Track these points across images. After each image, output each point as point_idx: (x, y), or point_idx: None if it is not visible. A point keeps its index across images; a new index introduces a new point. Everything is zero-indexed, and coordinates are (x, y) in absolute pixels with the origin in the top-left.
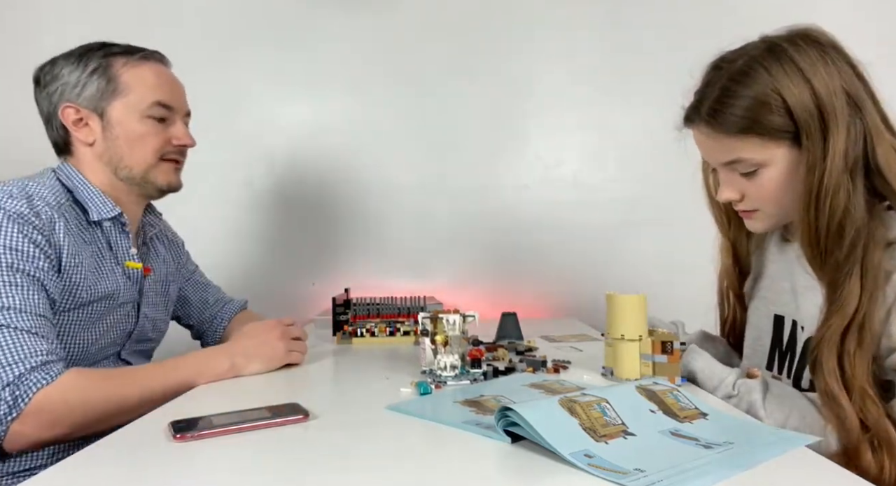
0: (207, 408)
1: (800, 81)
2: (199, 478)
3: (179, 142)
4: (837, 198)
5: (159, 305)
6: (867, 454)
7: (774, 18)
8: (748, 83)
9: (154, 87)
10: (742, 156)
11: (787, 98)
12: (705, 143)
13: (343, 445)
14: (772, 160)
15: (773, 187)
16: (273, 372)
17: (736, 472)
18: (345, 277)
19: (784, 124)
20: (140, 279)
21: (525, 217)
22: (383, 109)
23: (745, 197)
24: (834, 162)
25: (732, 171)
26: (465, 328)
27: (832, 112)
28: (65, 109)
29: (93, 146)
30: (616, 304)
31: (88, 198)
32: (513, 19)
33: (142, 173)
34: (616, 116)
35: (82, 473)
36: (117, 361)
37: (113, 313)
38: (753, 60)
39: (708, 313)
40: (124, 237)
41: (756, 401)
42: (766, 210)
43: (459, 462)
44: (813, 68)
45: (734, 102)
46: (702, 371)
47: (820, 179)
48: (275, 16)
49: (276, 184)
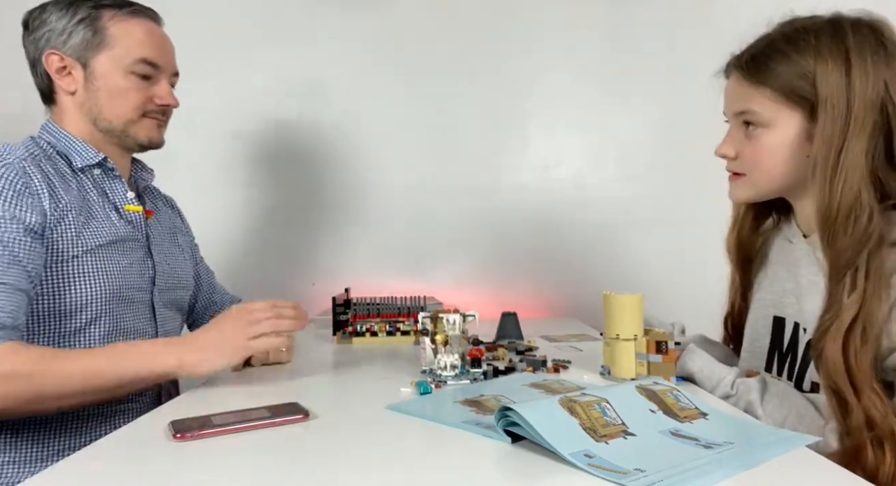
0: (207, 408)
1: (840, 60)
2: (200, 478)
3: (162, 101)
4: (852, 181)
5: (175, 253)
6: (870, 450)
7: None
8: (793, 44)
9: (141, 43)
10: (752, 107)
11: (819, 70)
12: (730, 90)
13: (343, 445)
14: (778, 122)
15: (769, 152)
16: (273, 372)
17: (736, 472)
18: (345, 277)
19: (805, 92)
20: (143, 223)
21: (525, 217)
22: (383, 109)
23: (738, 157)
24: (853, 145)
25: (739, 125)
26: (465, 328)
27: (861, 100)
28: (49, 56)
29: (74, 95)
30: (612, 303)
31: (70, 146)
32: (513, 19)
33: (121, 127)
34: (616, 116)
35: (82, 473)
36: (151, 311)
37: (124, 255)
38: (810, 28)
39: (708, 314)
40: (118, 182)
41: (754, 400)
42: (753, 177)
43: (459, 462)
44: (860, 57)
45: (772, 55)
46: (700, 371)
47: (837, 157)
48: (274, 15)
49: (276, 184)
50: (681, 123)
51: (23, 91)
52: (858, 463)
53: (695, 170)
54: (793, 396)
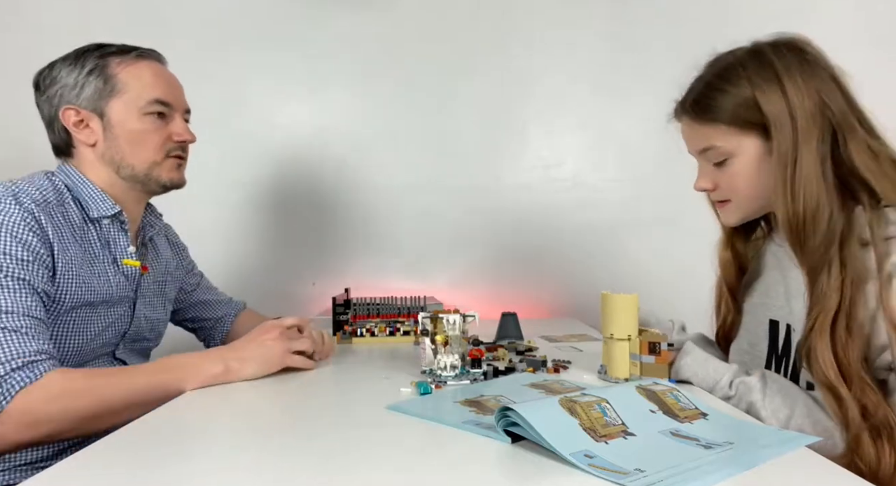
0: (204, 411)
1: (774, 82)
2: (200, 479)
3: (180, 138)
4: (811, 188)
5: (157, 305)
6: (867, 441)
7: (775, 18)
8: (727, 78)
9: (151, 84)
10: (713, 143)
11: (758, 95)
12: (686, 132)
13: (343, 445)
14: (740, 150)
15: (742, 177)
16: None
17: (736, 472)
18: (345, 277)
19: (753, 117)
20: (137, 277)
21: (525, 217)
22: (383, 109)
23: (717, 187)
24: (804, 155)
25: (706, 160)
26: (465, 328)
27: (801, 112)
28: (65, 111)
29: (95, 147)
30: (608, 303)
31: (88, 195)
32: (513, 19)
33: (145, 171)
34: (616, 116)
35: (82, 473)
36: (112, 360)
37: (108, 313)
38: (736, 60)
39: (708, 314)
40: (123, 235)
41: (756, 401)
42: (736, 201)
43: (459, 462)
44: (789, 73)
45: (713, 94)
46: (695, 375)
47: (793, 169)
48: (274, 15)
49: (276, 184)
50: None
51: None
52: (860, 458)
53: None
54: (796, 391)
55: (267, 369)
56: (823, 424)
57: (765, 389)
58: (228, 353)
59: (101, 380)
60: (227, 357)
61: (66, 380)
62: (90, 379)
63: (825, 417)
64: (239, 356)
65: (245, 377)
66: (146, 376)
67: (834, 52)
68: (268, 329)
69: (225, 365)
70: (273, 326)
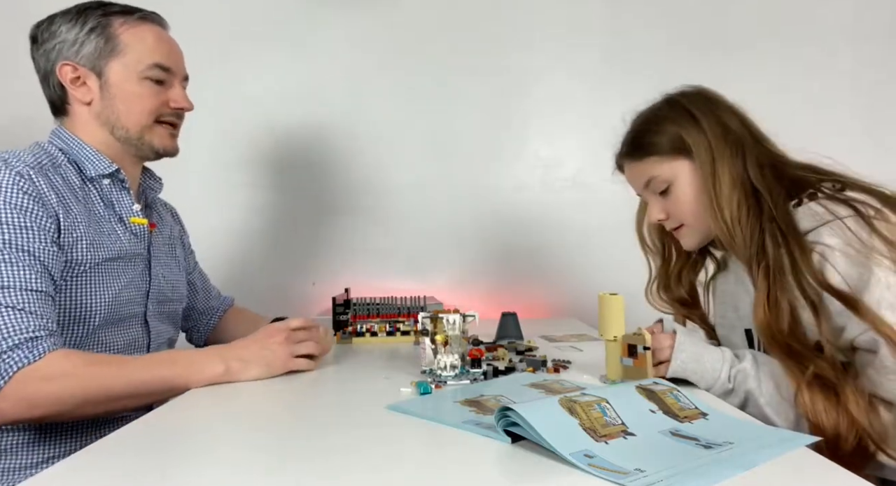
0: (203, 410)
1: (689, 118)
2: (200, 479)
3: (177, 105)
4: (731, 197)
5: (172, 266)
6: (814, 396)
7: (774, 18)
8: (652, 120)
9: (153, 48)
10: (653, 174)
11: (679, 129)
12: (629, 175)
13: (343, 445)
14: (676, 175)
15: (686, 200)
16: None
17: (736, 472)
18: (345, 277)
19: (679, 145)
20: (146, 235)
21: (525, 217)
22: (383, 109)
23: (669, 216)
24: (722, 180)
25: (652, 193)
26: (465, 328)
27: (713, 137)
28: (62, 67)
29: (90, 105)
30: (600, 304)
31: (84, 156)
32: (513, 19)
33: (137, 134)
34: (616, 117)
35: (82, 473)
36: (144, 324)
37: (125, 270)
38: (656, 108)
39: None
40: (125, 194)
41: (753, 389)
42: (689, 224)
43: (459, 462)
44: (700, 111)
45: (644, 136)
46: (693, 374)
47: (713, 183)
48: (274, 15)
49: (276, 184)
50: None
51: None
52: (801, 408)
53: None
54: (780, 370)
55: (269, 373)
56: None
57: (758, 374)
58: (230, 352)
59: (103, 368)
60: (228, 357)
61: (68, 363)
62: (90, 366)
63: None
64: (241, 357)
65: (246, 379)
66: (148, 370)
67: (833, 54)
68: (272, 333)
69: (226, 366)
70: (278, 330)
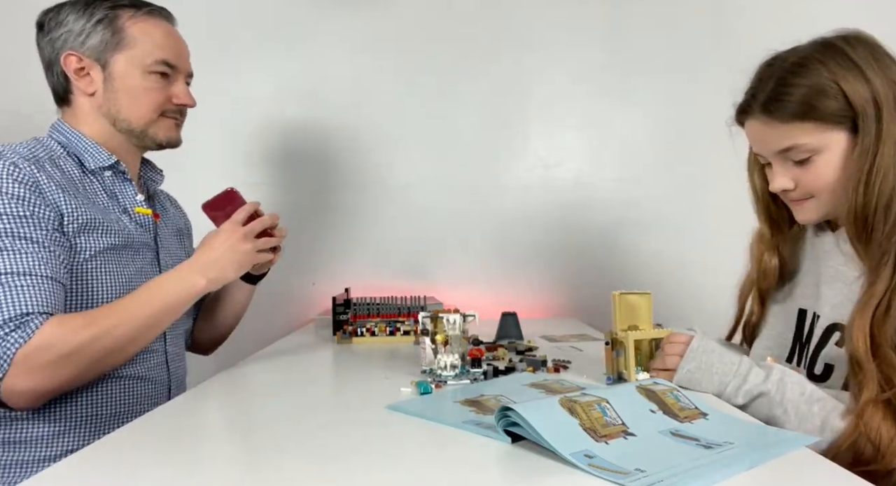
0: (203, 410)
1: (856, 72)
2: (199, 479)
3: (180, 101)
4: (888, 180)
5: (181, 256)
6: (876, 412)
7: (774, 19)
8: (805, 74)
9: (160, 43)
10: (798, 142)
11: (843, 86)
12: (761, 132)
13: (343, 445)
14: (827, 146)
15: (829, 173)
16: (274, 373)
17: (736, 472)
18: (345, 277)
19: (841, 110)
20: (152, 226)
21: (525, 217)
22: (383, 109)
23: (798, 185)
24: (886, 146)
25: (786, 159)
26: (465, 328)
27: (885, 102)
28: (67, 57)
29: (93, 97)
30: (621, 304)
31: (83, 148)
32: (513, 19)
33: (141, 127)
34: (617, 116)
35: (82, 473)
36: None
37: (134, 259)
38: (809, 55)
39: (710, 313)
40: (128, 185)
41: (778, 416)
42: (820, 198)
43: (459, 462)
44: (866, 63)
45: (792, 91)
46: (699, 384)
47: (872, 161)
48: (274, 16)
49: (276, 184)
50: (681, 122)
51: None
52: (864, 426)
53: (695, 169)
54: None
55: (241, 272)
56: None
57: (783, 401)
58: (203, 266)
59: (101, 322)
60: (205, 270)
61: (63, 328)
62: (88, 325)
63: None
64: (215, 266)
65: (225, 283)
66: (143, 307)
67: None
68: (230, 232)
69: (206, 278)
70: (233, 229)
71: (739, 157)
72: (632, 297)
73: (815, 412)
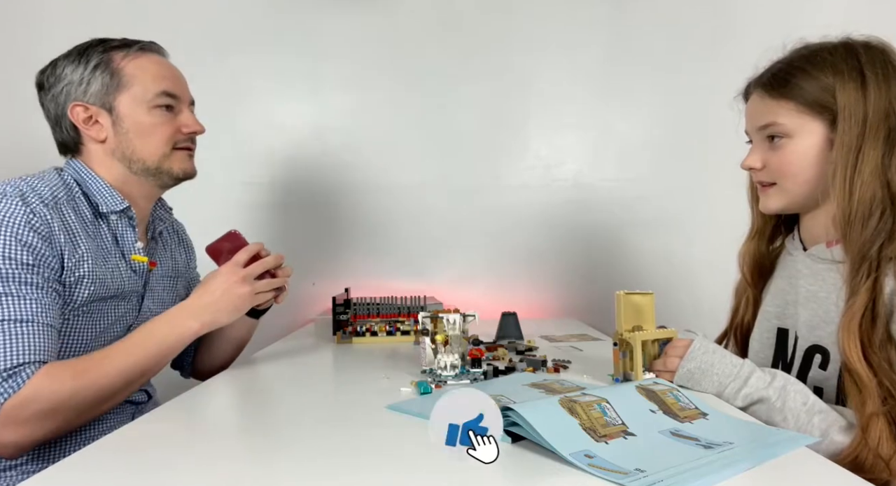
0: (203, 410)
1: (857, 77)
2: (199, 479)
3: (189, 129)
4: (869, 184)
5: (166, 300)
6: (880, 424)
7: (774, 20)
8: (812, 62)
9: (157, 77)
10: (777, 120)
11: (837, 85)
12: (753, 107)
13: (343, 445)
14: (802, 131)
15: (796, 161)
16: (273, 373)
17: (736, 472)
18: (345, 277)
19: (827, 103)
20: (145, 273)
21: (525, 217)
22: (383, 109)
23: (765, 167)
24: (868, 151)
25: (763, 139)
26: (465, 328)
27: (875, 113)
28: (74, 108)
29: (105, 143)
30: (626, 304)
31: (97, 191)
32: (513, 19)
33: (156, 164)
34: (616, 116)
35: (82, 473)
36: None
37: (117, 307)
38: (825, 49)
39: (710, 314)
40: (130, 231)
41: (777, 423)
42: (783, 185)
43: (460, 462)
44: (873, 73)
45: (793, 73)
46: (698, 384)
47: (855, 163)
48: (275, 16)
49: (276, 184)
50: (681, 123)
51: None
52: (867, 440)
53: (696, 169)
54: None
55: (238, 315)
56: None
57: (784, 409)
58: (198, 309)
59: (92, 372)
60: (199, 314)
61: (51, 380)
62: (79, 375)
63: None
64: (210, 309)
65: (219, 327)
66: (132, 354)
67: None
68: (228, 275)
69: (200, 322)
70: (232, 271)
71: (739, 157)
72: (635, 297)
73: (815, 424)
